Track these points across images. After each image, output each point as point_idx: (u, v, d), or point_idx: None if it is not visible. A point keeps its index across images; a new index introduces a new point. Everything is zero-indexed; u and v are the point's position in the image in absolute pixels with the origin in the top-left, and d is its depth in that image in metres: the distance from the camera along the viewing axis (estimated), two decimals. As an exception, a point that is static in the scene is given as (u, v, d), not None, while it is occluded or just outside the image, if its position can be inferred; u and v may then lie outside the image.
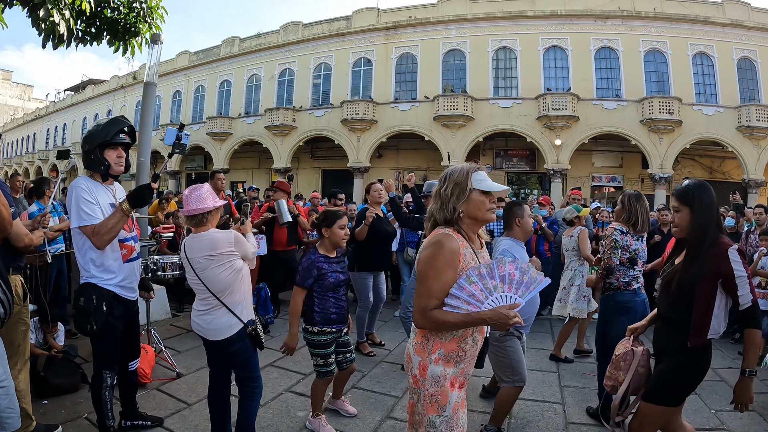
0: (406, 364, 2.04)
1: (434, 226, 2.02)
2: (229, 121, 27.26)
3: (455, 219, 1.95)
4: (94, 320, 2.77)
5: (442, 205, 1.98)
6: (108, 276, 2.88)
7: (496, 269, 1.82)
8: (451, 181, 1.97)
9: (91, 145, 2.90)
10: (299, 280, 3.29)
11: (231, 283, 2.79)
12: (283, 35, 26.38)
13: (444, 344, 1.91)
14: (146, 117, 6.42)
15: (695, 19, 20.14)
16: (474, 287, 1.81)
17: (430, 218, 2.05)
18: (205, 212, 2.82)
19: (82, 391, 3.80)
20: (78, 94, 41.53)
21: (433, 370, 1.90)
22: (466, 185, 1.94)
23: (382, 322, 6.55)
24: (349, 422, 3.62)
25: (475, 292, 1.81)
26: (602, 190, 20.83)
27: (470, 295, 1.81)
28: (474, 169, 1.99)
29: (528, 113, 20.84)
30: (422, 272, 1.90)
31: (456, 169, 2.01)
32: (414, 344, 2.00)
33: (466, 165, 2.02)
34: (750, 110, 19.19)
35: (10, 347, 2.73)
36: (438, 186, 2.03)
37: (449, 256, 1.86)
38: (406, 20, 23.19)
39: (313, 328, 3.33)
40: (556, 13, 21.01)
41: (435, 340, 1.92)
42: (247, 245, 2.92)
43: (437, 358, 1.91)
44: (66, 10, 4.26)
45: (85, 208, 2.77)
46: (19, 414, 2.55)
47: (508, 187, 2.07)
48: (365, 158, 23.09)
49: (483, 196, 1.94)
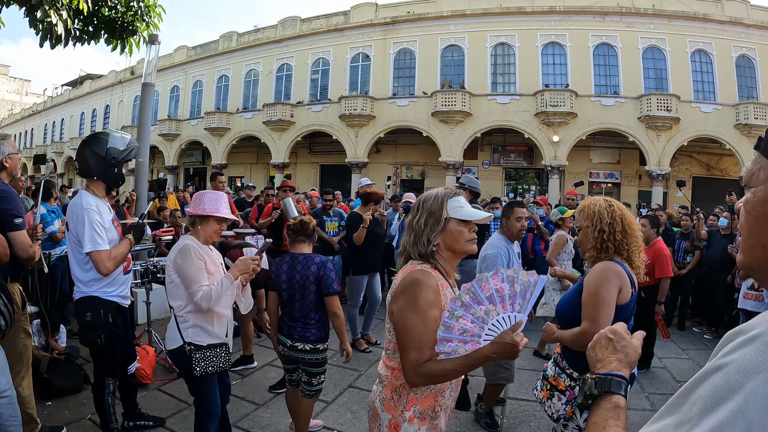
0: (372, 420, 1.78)
1: (407, 260, 1.79)
2: (227, 116, 27.23)
3: (430, 252, 1.72)
4: (102, 333, 2.82)
5: (415, 237, 1.74)
6: (111, 289, 2.92)
7: (480, 291, 1.51)
8: (424, 210, 1.75)
9: (119, 160, 2.91)
10: (338, 286, 3.08)
11: (180, 297, 2.61)
12: (281, 30, 26.30)
13: (420, 400, 1.68)
14: (144, 118, 6.45)
15: (694, 16, 20.14)
16: (463, 321, 1.53)
17: (403, 253, 1.81)
18: (198, 215, 2.70)
19: (85, 392, 3.85)
20: (76, 89, 41.33)
21: (406, 429, 1.67)
22: (441, 214, 1.72)
23: (379, 320, 6.61)
24: (345, 421, 3.68)
25: (466, 326, 1.53)
26: (600, 186, 20.96)
27: (462, 332, 1.53)
28: (450, 195, 1.76)
29: (526, 109, 20.86)
30: (403, 322, 1.62)
31: (429, 196, 1.78)
32: (382, 399, 1.74)
33: (441, 191, 1.79)
34: (748, 108, 19.23)
35: (11, 355, 2.76)
36: (411, 216, 1.81)
37: (431, 295, 1.62)
38: (405, 15, 23.15)
39: (323, 345, 3.13)
40: (554, 9, 20.99)
41: (409, 395, 1.68)
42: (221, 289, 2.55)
43: (411, 417, 1.67)
44: (63, 10, 4.27)
45: (100, 232, 2.78)
46: (21, 422, 2.59)
47: (489, 214, 1.85)
48: (363, 153, 23.10)
49: (461, 225, 1.72)
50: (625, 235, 2.27)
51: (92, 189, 2.92)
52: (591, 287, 2.20)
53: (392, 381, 1.73)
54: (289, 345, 3.10)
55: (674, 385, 4.80)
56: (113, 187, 3.04)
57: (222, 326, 2.69)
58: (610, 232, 2.26)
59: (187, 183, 26.94)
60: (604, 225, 2.27)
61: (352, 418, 3.77)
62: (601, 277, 2.19)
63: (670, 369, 5.29)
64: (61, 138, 40.78)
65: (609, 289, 2.15)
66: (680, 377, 5.01)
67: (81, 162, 2.92)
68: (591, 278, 2.24)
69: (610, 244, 2.26)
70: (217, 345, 2.63)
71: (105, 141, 2.89)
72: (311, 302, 3.06)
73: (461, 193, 1.81)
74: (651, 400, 4.36)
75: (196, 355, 2.56)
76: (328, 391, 4.21)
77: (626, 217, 2.31)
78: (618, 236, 2.26)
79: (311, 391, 3.16)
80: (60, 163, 38.66)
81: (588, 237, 2.34)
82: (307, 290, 3.05)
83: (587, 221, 2.34)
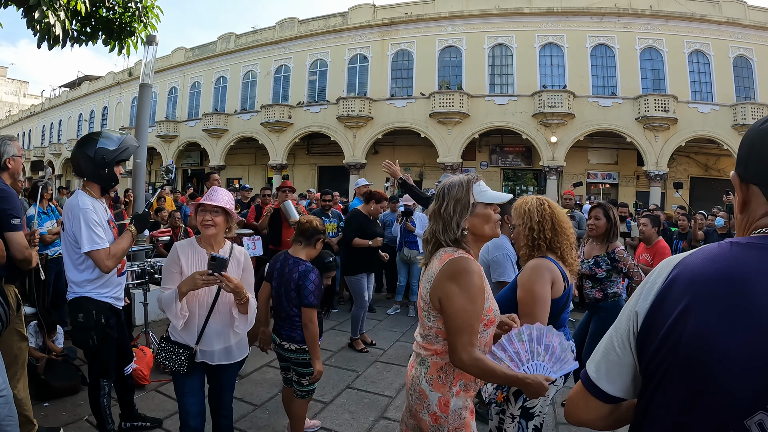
0: (419, 402, 1.84)
1: (436, 247, 1.87)
2: (225, 117, 27.24)
3: (461, 236, 1.81)
4: (95, 334, 2.80)
5: (444, 225, 1.82)
6: (105, 290, 2.89)
7: (545, 336, 1.77)
8: (451, 198, 1.82)
9: (109, 161, 2.87)
10: (315, 300, 2.99)
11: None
12: (278, 31, 26.32)
13: (463, 374, 1.79)
14: (142, 119, 6.43)
15: (691, 17, 20.19)
16: (521, 346, 1.75)
17: (431, 240, 1.88)
18: None
19: (83, 393, 3.83)
20: (73, 90, 41.33)
21: (455, 403, 1.78)
22: (468, 200, 1.80)
23: (377, 321, 6.62)
24: (343, 422, 3.67)
25: (520, 351, 1.75)
26: (598, 187, 20.98)
27: (515, 353, 1.75)
28: (474, 180, 1.86)
29: (524, 110, 20.88)
30: (454, 308, 1.72)
31: (453, 184, 1.86)
32: (428, 379, 1.82)
33: (463, 177, 1.88)
34: (746, 108, 19.27)
35: (6, 356, 2.75)
36: (435, 205, 1.88)
37: (480, 281, 1.73)
38: (402, 17, 23.18)
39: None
40: (552, 10, 21.04)
41: (455, 372, 1.79)
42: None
43: (458, 391, 1.80)
44: (61, 11, 4.26)
45: (97, 231, 2.75)
46: (17, 422, 2.58)
47: (510, 195, 1.98)
48: (361, 155, 23.11)
49: (487, 208, 1.83)
50: (555, 233, 2.37)
51: (88, 189, 2.91)
52: (525, 284, 2.29)
53: (437, 361, 1.82)
54: (278, 343, 3.13)
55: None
56: (107, 188, 3.01)
57: (188, 333, 2.53)
58: (539, 230, 2.36)
59: (188, 185, 26.97)
60: (533, 223, 2.38)
61: (350, 418, 3.77)
62: (534, 274, 2.28)
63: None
64: (59, 140, 40.80)
65: (543, 286, 2.24)
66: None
67: (74, 163, 2.93)
68: (524, 276, 2.32)
69: (542, 242, 2.36)
70: (181, 345, 2.52)
71: (95, 141, 2.88)
72: (294, 305, 3.04)
73: (480, 177, 1.92)
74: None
75: (162, 344, 2.56)
76: (326, 391, 4.20)
77: (557, 216, 2.40)
78: (548, 234, 2.36)
79: (302, 391, 3.15)
80: (58, 165, 38.69)
81: (520, 235, 2.45)
82: (289, 294, 3.04)
83: (519, 220, 2.45)
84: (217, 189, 2.60)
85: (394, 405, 4.01)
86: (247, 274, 2.67)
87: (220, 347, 2.57)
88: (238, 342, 2.66)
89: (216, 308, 2.53)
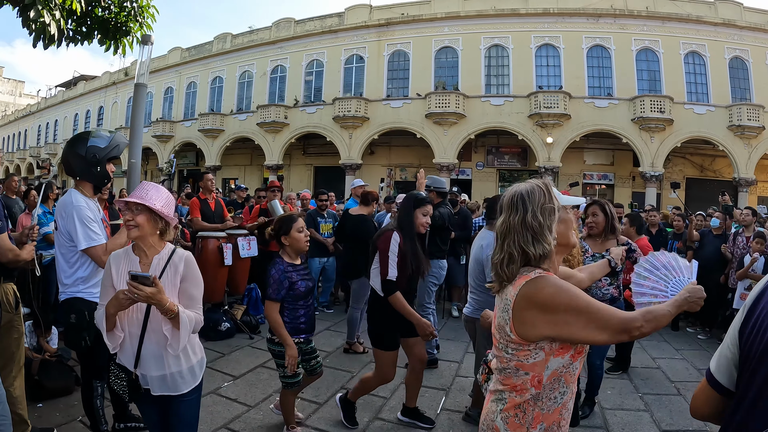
0: None
1: (525, 263, 1.59)
2: (221, 117, 27.17)
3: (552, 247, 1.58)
4: (87, 335, 2.79)
5: (534, 237, 1.55)
6: (97, 290, 2.86)
7: (657, 261, 1.87)
8: (536, 205, 1.57)
9: (100, 158, 2.86)
10: (272, 293, 3.07)
11: None
12: (275, 32, 26.29)
13: (546, 416, 1.55)
14: (137, 119, 6.37)
15: (687, 18, 20.27)
16: (649, 281, 1.85)
17: (518, 256, 1.57)
18: None
19: (76, 394, 3.81)
20: (69, 90, 41.18)
21: None
22: (554, 204, 1.59)
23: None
24: (337, 423, 3.66)
25: (654, 285, 1.84)
26: (594, 188, 21.02)
27: (652, 288, 1.84)
28: (551, 183, 1.66)
29: (520, 111, 20.91)
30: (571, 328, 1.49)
31: (532, 190, 1.61)
32: (504, 417, 1.59)
33: (538, 182, 1.64)
34: (741, 109, 19.34)
35: (2, 355, 2.74)
36: (513, 215, 1.60)
37: (566, 284, 1.55)
38: (399, 17, 23.18)
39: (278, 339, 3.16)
40: (548, 11, 21.09)
41: (535, 411, 1.55)
42: None
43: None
44: (56, 10, 4.25)
45: (92, 227, 2.75)
46: (11, 421, 2.57)
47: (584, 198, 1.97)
48: (357, 155, 23.10)
49: (568, 213, 1.66)
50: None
51: (81, 188, 2.91)
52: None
53: (515, 398, 1.58)
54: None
55: (668, 385, 4.80)
56: (100, 187, 3.00)
57: (125, 355, 2.14)
58: None
59: (185, 184, 26.88)
60: None
61: (345, 419, 3.76)
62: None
63: (664, 369, 5.28)
64: (55, 139, 40.58)
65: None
66: (674, 377, 5.00)
67: (65, 162, 2.94)
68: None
69: None
70: (122, 368, 2.14)
71: (85, 140, 2.89)
72: None
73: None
74: (645, 401, 4.36)
75: (111, 366, 2.19)
76: (321, 392, 4.20)
77: None
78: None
79: (282, 381, 3.23)
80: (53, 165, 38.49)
81: None
82: None
83: None
84: (146, 184, 2.19)
85: (389, 406, 4.01)
86: (188, 284, 2.17)
87: (158, 374, 2.13)
88: (181, 371, 2.16)
89: (149, 326, 2.11)
